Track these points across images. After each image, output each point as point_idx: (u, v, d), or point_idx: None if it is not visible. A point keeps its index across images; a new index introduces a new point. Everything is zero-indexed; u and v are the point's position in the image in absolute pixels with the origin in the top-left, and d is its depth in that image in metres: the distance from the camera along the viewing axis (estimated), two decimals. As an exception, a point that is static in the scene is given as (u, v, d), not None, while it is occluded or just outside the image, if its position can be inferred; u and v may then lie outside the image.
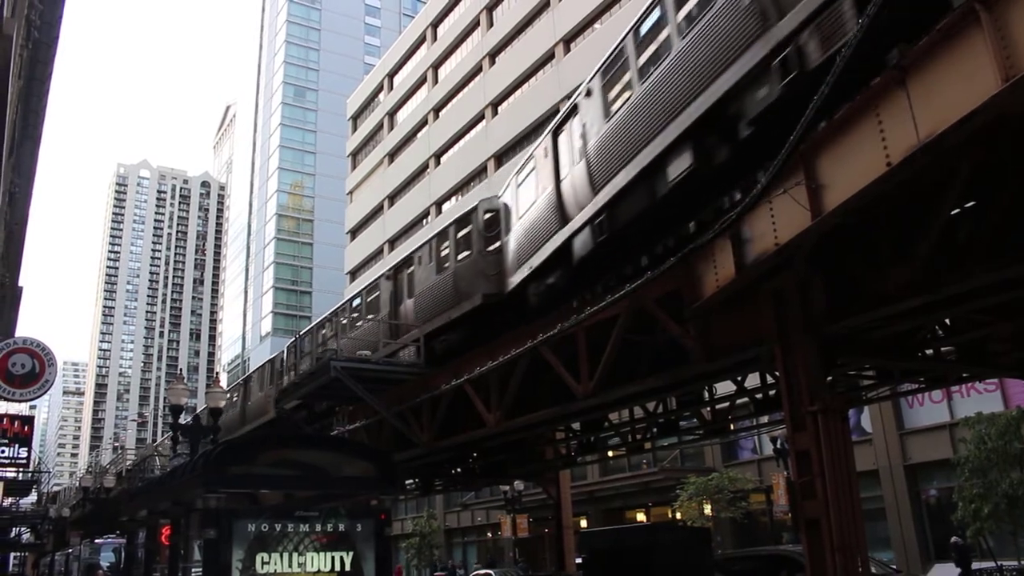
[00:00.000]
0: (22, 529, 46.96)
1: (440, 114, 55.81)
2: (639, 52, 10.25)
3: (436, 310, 16.47)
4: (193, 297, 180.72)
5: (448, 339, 16.36)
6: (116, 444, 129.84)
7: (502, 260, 14.94)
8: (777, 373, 10.58)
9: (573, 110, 12.19)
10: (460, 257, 16.06)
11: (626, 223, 10.65)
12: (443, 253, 16.74)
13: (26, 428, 20.40)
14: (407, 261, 18.44)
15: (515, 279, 14.15)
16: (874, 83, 6.42)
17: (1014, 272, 7.90)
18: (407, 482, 25.70)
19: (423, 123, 57.58)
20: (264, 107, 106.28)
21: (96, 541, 28.49)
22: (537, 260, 13.22)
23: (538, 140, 13.64)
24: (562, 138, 12.54)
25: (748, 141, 8.36)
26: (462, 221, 16.43)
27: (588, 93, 11.65)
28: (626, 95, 10.44)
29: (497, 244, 15.32)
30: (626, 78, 10.49)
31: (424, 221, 54.82)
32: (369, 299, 20.21)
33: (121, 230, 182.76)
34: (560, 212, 12.34)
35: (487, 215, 15.80)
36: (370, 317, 19.59)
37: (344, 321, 21.53)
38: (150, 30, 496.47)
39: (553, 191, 12.59)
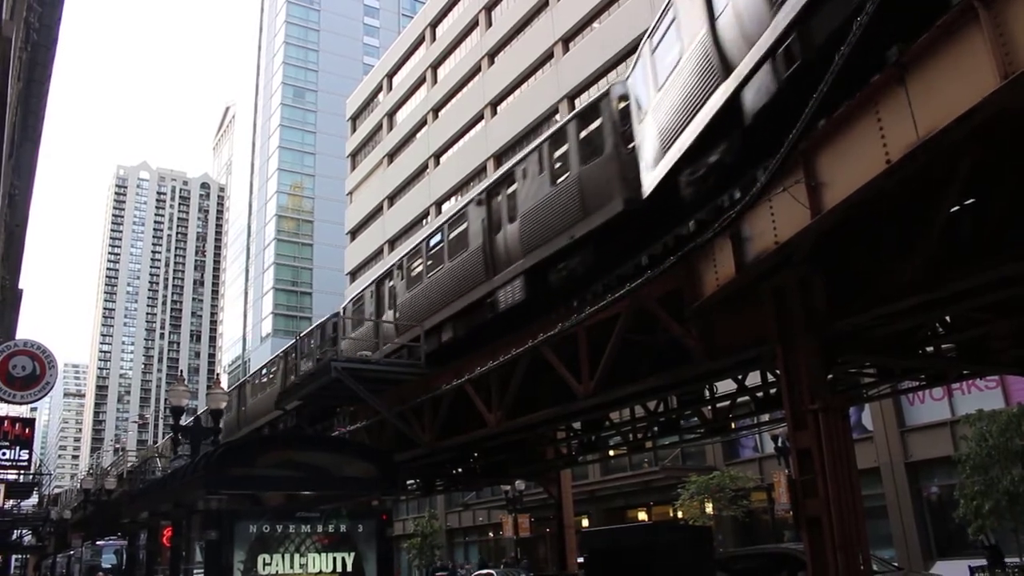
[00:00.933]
0: (23, 531, 46.97)
1: (439, 114, 55.83)
2: None
3: (551, 231, 13.16)
4: (193, 299, 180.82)
5: (569, 265, 13.05)
6: (117, 446, 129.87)
7: (636, 159, 11.67)
8: (778, 371, 10.58)
9: None
10: (586, 160, 12.66)
11: (831, 34, 7.03)
12: (559, 161, 13.39)
13: (27, 430, 20.40)
14: (507, 178, 14.99)
15: (657, 173, 10.52)
16: (873, 80, 6.42)
17: (1012, 270, 7.90)
18: (408, 482, 25.71)
19: (422, 123, 57.61)
20: (263, 108, 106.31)
21: (97, 543, 28.52)
22: (689, 136, 9.49)
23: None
24: None
25: None
26: (587, 115, 13.03)
27: None
28: None
29: (632, 143, 11.89)
30: None
31: (424, 221, 54.83)
32: (454, 234, 16.62)
33: (121, 232, 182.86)
34: (720, 59, 8.87)
35: (621, 104, 12.37)
36: (456, 256, 16.04)
37: (418, 268, 17.84)
38: (149, 32, 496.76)
39: (707, 35, 9.09)
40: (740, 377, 15.17)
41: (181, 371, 40.09)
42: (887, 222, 8.16)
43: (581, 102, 39.95)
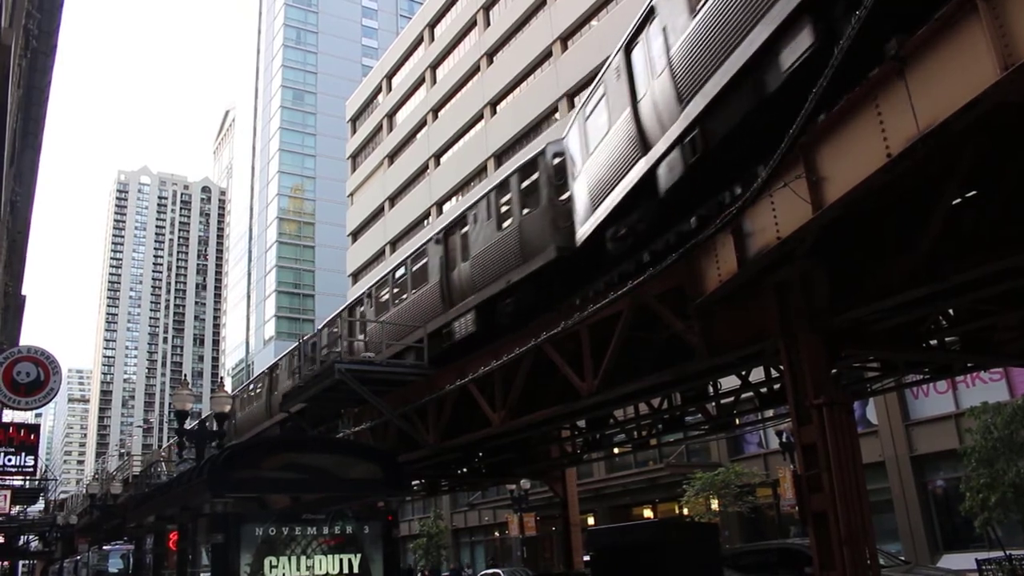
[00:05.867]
0: (30, 537, 47.13)
1: (439, 115, 55.82)
2: None
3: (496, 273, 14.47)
4: (196, 302, 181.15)
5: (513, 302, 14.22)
6: (122, 451, 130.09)
7: (570, 210, 12.83)
8: (781, 367, 10.56)
9: None
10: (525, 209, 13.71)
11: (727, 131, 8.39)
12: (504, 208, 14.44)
13: (32, 436, 20.37)
14: (460, 221, 15.97)
15: (587, 228, 11.52)
16: (872, 74, 6.41)
17: (1015, 261, 7.88)
18: (413, 483, 25.70)
19: (422, 124, 57.60)
20: (263, 111, 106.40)
21: (104, 548, 28.60)
22: (613, 200, 10.74)
23: None
24: None
25: None
26: (527, 168, 14.19)
27: None
28: None
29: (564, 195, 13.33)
30: None
31: (425, 222, 54.84)
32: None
33: (123, 237, 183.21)
34: (640, 138, 9.91)
35: (556, 160, 13.65)
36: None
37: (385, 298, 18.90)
38: (148, 37, 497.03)
39: (630, 115, 10.22)
40: (743, 373, 15.15)
41: (185, 375, 40.08)
42: (889, 215, 8.15)
43: (580, 100, 40.03)
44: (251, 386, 29.22)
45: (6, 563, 43.41)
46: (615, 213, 10.96)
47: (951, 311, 11.45)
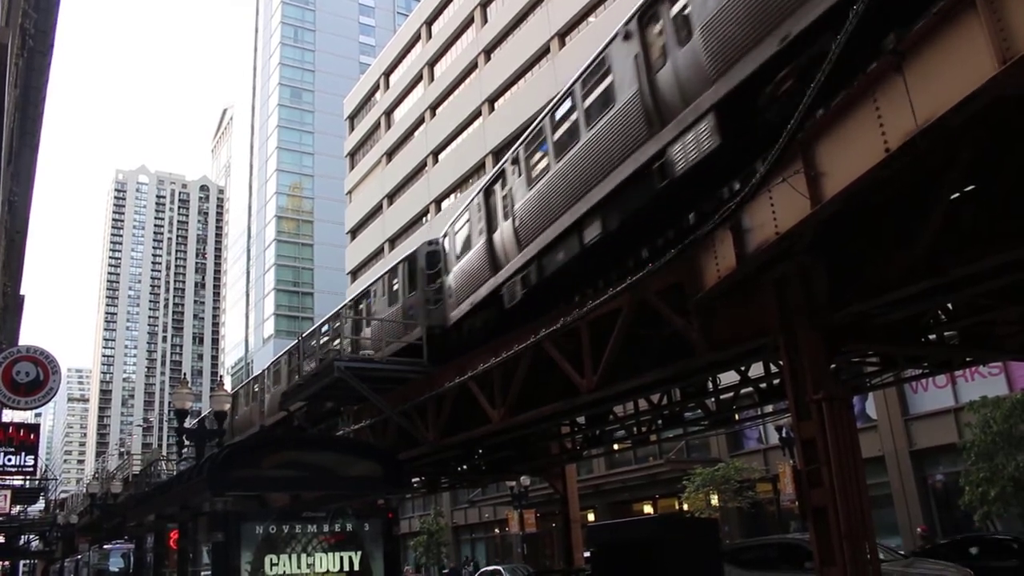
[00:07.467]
0: (31, 537, 47.11)
1: (437, 112, 55.78)
2: None
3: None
4: (195, 301, 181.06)
5: None
6: (122, 450, 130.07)
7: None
8: (781, 362, 10.57)
9: None
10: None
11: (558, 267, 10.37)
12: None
13: (32, 436, 20.36)
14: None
15: (456, 314, 13.17)
16: (871, 69, 6.41)
17: (1014, 256, 7.88)
18: (413, 480, 25.73)
19: (420, 121, 57.56)
20: (261, 109, 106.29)
21: (105, 547, 28.58)
22: (472, 302, 13.95)
23: None
24: None
25: None
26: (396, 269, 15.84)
27: None
28: None
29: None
30: None
31: (424, 219, 54.83)
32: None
33: (121, 236, 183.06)
34: (491, 260, 12.93)
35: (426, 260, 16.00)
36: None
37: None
38: (145, 36, 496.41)
39: (485, 242, 13.20)
40: (743, 368, 15.16)
41: (184, 374, 40.05)
42: (888, 210, 8.15)
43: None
44: (313, 339, 23.71)
45: (7, 563, 43.41)
46: None
47: (950, 306, 11.46)
